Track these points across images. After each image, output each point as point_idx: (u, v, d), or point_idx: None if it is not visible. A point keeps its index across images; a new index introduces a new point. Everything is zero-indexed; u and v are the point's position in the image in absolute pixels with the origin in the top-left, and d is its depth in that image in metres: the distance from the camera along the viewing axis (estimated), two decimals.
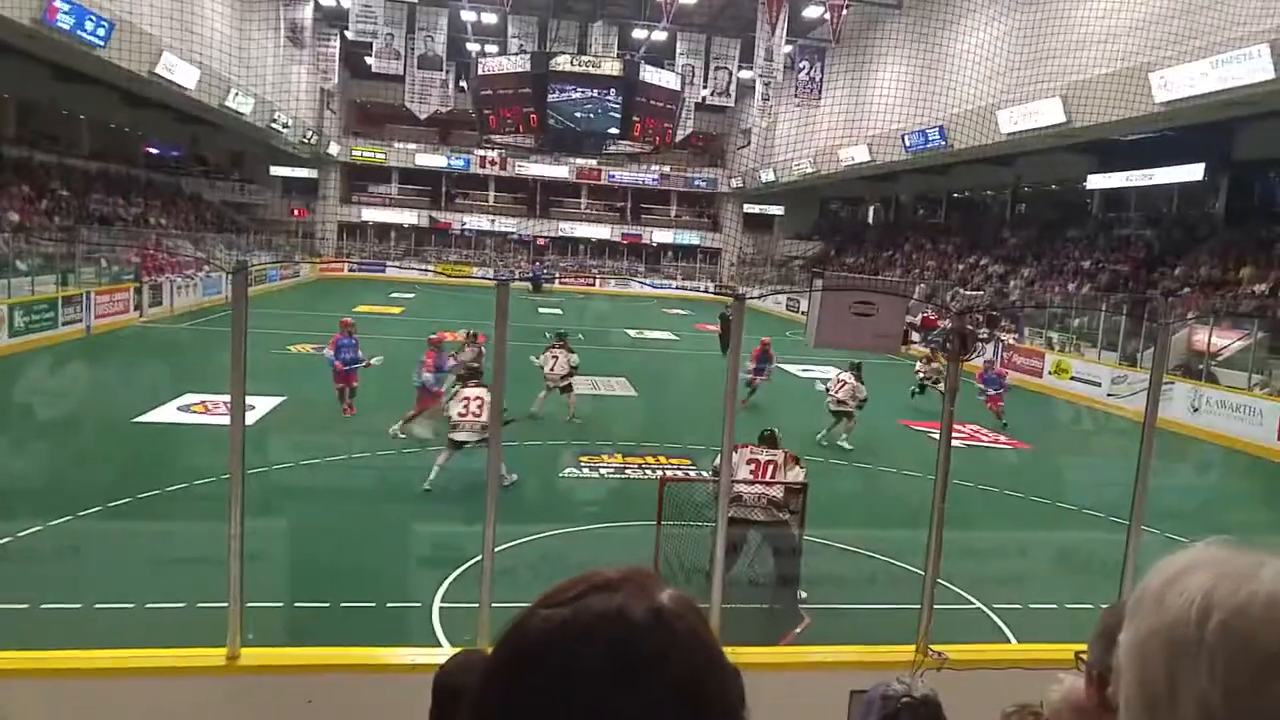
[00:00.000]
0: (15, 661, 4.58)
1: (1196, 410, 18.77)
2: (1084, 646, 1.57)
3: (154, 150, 44.42)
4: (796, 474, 8.78)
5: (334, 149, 50.53)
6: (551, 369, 15.82)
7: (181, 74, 28.67)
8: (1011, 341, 26.21)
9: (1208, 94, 19.80)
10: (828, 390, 15.56)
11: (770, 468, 8.60)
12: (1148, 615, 0.87)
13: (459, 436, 11.18)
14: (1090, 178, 31.44)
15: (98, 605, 7.30)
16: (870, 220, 52.74)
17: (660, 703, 0.85)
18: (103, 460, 11.94)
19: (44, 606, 7.19)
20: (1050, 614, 8.12)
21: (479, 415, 11.08)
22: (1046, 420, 20.19)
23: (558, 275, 49.95)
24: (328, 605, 7.68)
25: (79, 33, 22.75)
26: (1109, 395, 21.22)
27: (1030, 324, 27.53)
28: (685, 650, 0.87)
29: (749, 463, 8.56)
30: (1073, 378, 23.13)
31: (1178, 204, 30.73)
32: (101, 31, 23.59)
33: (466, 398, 11.45)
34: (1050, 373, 23.99)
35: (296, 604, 7.44)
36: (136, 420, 13.79)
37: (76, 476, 10.98)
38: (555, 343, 16.45)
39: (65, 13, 21.93)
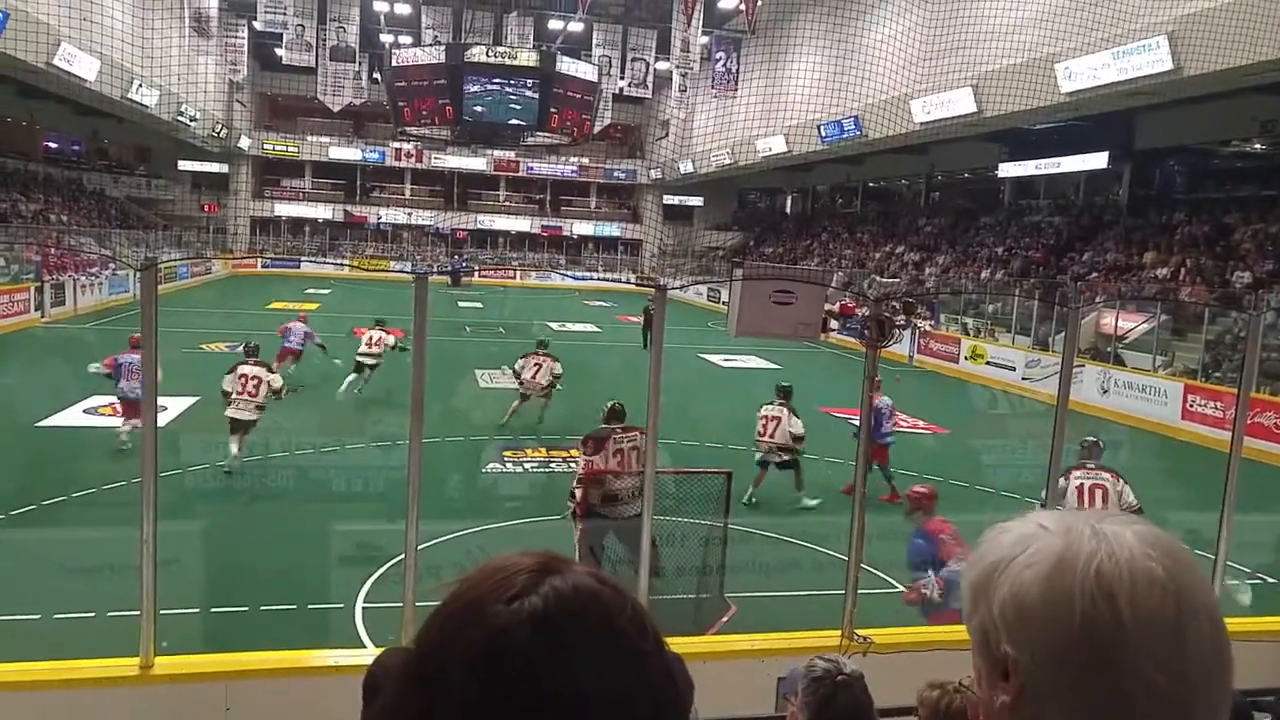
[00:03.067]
0: None
1: (1106, 392, 19.37)
2: None
3: (53, 144, 42.85)
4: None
5: (245, 143, 49.30)
6: (533, 376, 14.88)
7: (81, 65, 27.68)
8: (928, 328, 26.73)
9: (1110, 84, 20.40)
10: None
11: (635, 455, 8.08)
12: (1048, 623, 0.88)
13: (233, 412, 11.30)
14: (1001, 166, 32.20)
15: (3, 617, 7.02)
16: (788, 210, 53.31)
17: (650, 670, 0.85)
18: (4, 466, 11.47)
19: None
20: None
21: (255, 395, 11.39)
22: (963, 405, 20.64)
23: (477, 269, 49.48)
24: (246, 609, 7.49)
25: None
26: (1023, 379, 21.76)
27: (946, 310, 28.12)
28: (649, 616, 0.88)
29: (615, 454, 8.09)
30: (988, 362, 23.67)
31: (1084, 191, 31.69)
32: None
33: (244, 375, 11.48)
34: (966, 358, 24.52)
35: (213, 609, 7.25)
36: (40, 424, 13.29)
37: None
38: (537, 350, 15.34)
39: None
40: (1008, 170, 32.29)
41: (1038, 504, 8.05)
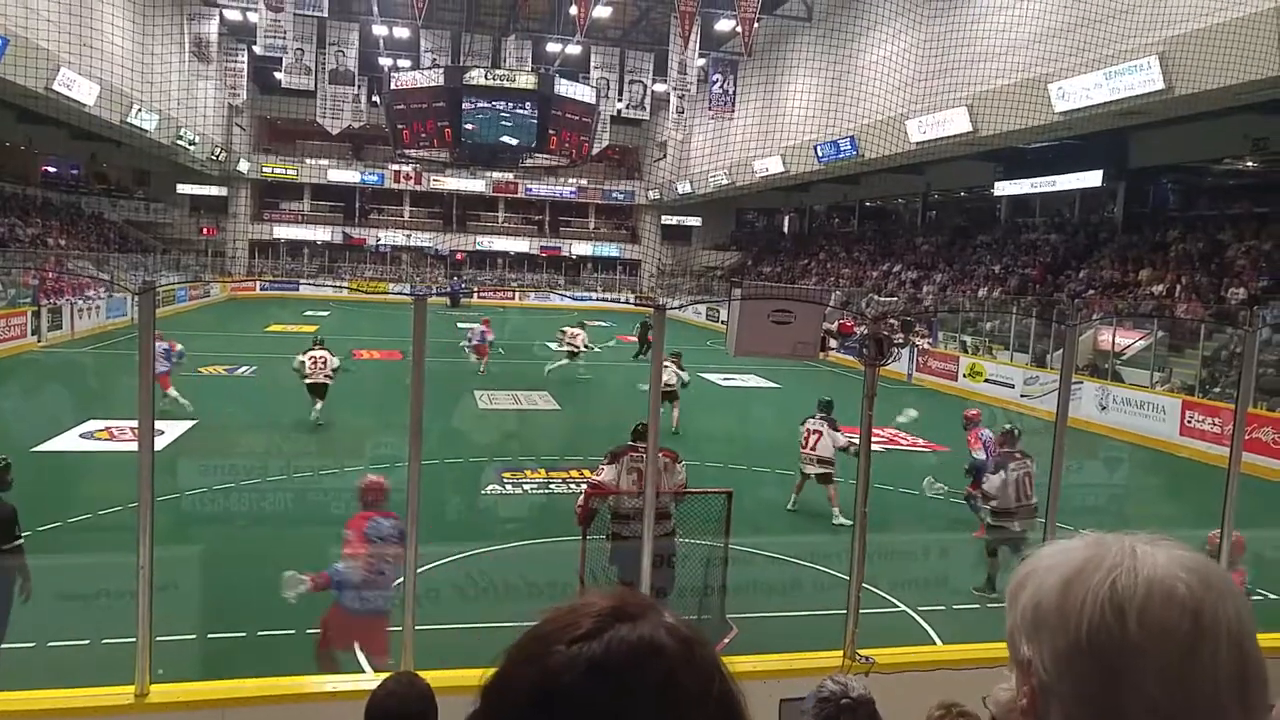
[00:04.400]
0: None
1: (1104, 409, 19.38)
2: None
3: (51, 169, 42.99)
4: (678, 474, 8.13)
5: (244, 166, 49.49)
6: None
7: (80, 90, 27.81)
8: (926, 346, 26.75)
9: (1103, 104, 20.53)
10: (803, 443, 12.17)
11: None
12: (1059, 627, 0.89)
13: (311, 381, 15.68)
14: (997, 184, 32.33)
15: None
16: (785, 230, 53.48)
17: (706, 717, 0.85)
18: None
19: None
20: (973, 614, 8.26)
21: (324, 367, 15.69)
22: (962, 422, 20.55)
23: (476, 289, 49.52)
24: (243, 635, 7.45)
25: None
26: (1022, 396, 21.77)
27: (944, 328, 28.16)
28: (721, 679, 0.87)
29: (630, 471, 7.97)
30: (987, 380, 23.67)
31: (1079, 209, 31.81)
32: None
33: (314, 357, 15.80)
34: (965, 375, 24.53)
35: (210, 635, 7.20)
36: (35, 449, 13.24)
37: None
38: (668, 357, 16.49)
39: None
40: (1004, 189, 32.43)
41: (1042, 521, 8.03)
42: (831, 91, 30.42)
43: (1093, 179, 28.01)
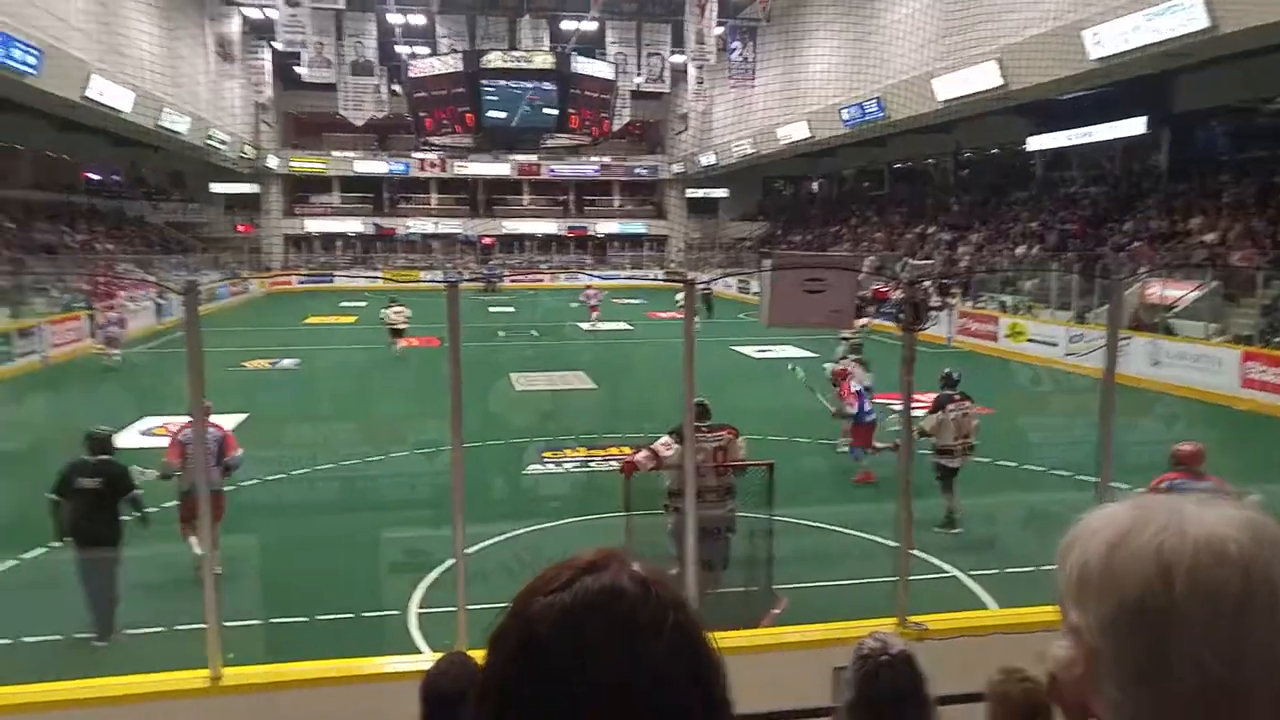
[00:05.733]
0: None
1: (1157, 364, 18.90)
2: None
3: (94, 176, 43.66)
4: (739, 449, 8.09)
5: (273, 162, 49.91)
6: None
7: (114, 97, 28.19)
8: (968, 306, 26.45)
9: (1142, 47, 19.86)
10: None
11: (720, 454, 7.90)
12: (1105, 592, 0.87)
13: (392, 325, 22.64)
14: (1030, 139, 31.62)
15: (76, 635, 7.21)
16: (814, 197, 53.01)
17: (663, 665, 0.91)
18: None
19: (24, 640, 7.13)
20: (1027, 577, 8.16)
21: (401, 316, 22.54)
22: (1006, 383, 20.36)
23: (506, 274, 49.54)
24: (305, 620, 7.59)
25: (9, 62, 22.30)
26: (1067, 354, 21.37)
27: (983, 289, 27.77)
28: (676, 612, 0.94)
29: (698, 452, 7.54)
30: (1029, 340, 23.34)
31: (1121, 159, 30.97)
32: (32, 59, 23.08)
33: (396, 310, 22.66)
34: (1006, 336, 24.21)
35: (273, 620, 7.36)
36: None
37: (45, 509, 10.71)
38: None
39: None
40: (1036, 143, 31.73)
41: (1094, 480, 7.97)
42: (854, 53, 30.08)
43: (1135, 127, 26.90)
